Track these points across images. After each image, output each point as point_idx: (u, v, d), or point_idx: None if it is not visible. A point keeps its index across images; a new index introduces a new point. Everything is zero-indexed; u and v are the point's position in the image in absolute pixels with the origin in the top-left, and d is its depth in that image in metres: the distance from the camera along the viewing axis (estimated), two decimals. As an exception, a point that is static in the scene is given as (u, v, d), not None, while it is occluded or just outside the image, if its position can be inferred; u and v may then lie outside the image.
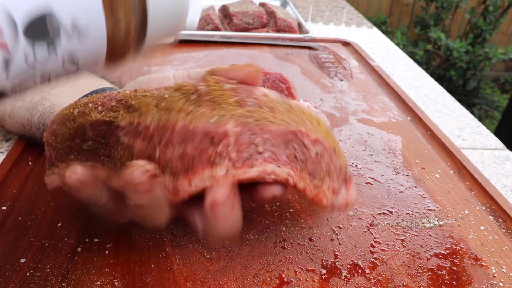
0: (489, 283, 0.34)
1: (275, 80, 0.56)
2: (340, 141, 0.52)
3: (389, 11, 2.82)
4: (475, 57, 2.34)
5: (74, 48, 0.20)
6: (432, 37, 2.31)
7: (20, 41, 0.18)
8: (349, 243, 0.37)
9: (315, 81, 0.69)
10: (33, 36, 0.18)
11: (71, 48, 0.20)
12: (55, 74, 0.21)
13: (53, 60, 0.20)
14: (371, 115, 0.59)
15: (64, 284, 0.31)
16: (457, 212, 0.41)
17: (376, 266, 0.35)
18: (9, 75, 0.19)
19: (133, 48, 0.22)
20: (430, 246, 0.37)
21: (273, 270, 0.34)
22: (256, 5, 0.91)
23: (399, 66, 0.83)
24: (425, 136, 0.54)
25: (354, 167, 0.47)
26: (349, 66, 0.75)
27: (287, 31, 0.86)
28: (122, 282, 0.32)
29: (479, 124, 0.62)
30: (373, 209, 0.41)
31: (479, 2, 2.57)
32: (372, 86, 0.68)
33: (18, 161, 0.44)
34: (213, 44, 0.81)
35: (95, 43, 0.20)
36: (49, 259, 0.33)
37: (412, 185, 0.45)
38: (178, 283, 0.32)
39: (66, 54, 0.20)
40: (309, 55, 0.79)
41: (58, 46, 0.19)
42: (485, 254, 0.36)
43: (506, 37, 2.90)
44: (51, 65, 0.20)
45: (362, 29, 1.05)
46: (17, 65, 0.19)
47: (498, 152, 0.55)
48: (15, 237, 0.35)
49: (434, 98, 0.70)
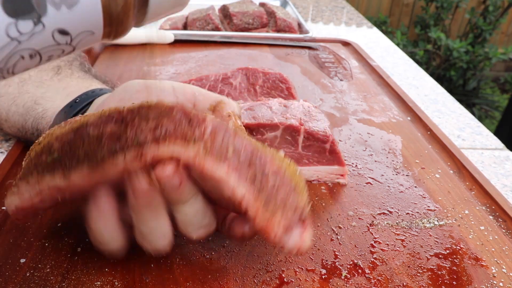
0: (489, 283, 0.34)
1: (275, 80, 0.56)
2: (340, 141, 0.52)
3: (389, 11, 2.82)
4: (475, 57, 2.34)
5: (64, 18, 0.18)
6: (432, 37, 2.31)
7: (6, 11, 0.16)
8: (349, 243, 0.37)
9: (315, 81, 0.69)
10: (14, 8, 0.16)
11: (61, 18, 0.18)
12: (46, 50, 0.19)
13: (40, 32, 0.17)
14: (371, 115, 0.59)
15: (64, 284, 0.31)
16: (457, 212, 0.41)
17: (376, 266, 0.35)
18: None
19: (133, 15, 0.20)
20: (430, 246, 0.37)
21: (273, 270, 0.34)
22: (256, 5, 0.91)
23: (399, 66, 0.83)
24: (425, 136, 0.54)
25: (354, 167, 0.47)
26: (349, 66, 0.75)
27: (287, 31, 0.86)
28: (122, 282, 0.32)
29: (479, 124, 0.62)
30: (373, 209, 0.41)
31: (479, 2, 2.57)
32: (372, 86, 0.68)
33: (18, 161, 0.44)
34: (213, 44, 0.81)
35: (88, 12, 0.18)
36: (49, 259, 0.33)
37: (412, 185, 0.45)
38: (178, 283, 0.32)
39: (55, 25, 0.18)
40: (309, 55, 0.79)
41: (45, 17, 0.17)
42: (485, 254, 0.36)
43: (506, 37, 2.90)
44: (39, 39, 0.18)
45: (362, 29, 1.05)
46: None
47: (498, 152, 0.55)
48: (15, 237, 0.35)
49: (434, 98, 0.70)
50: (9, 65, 0.18)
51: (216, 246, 0.35)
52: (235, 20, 0.86)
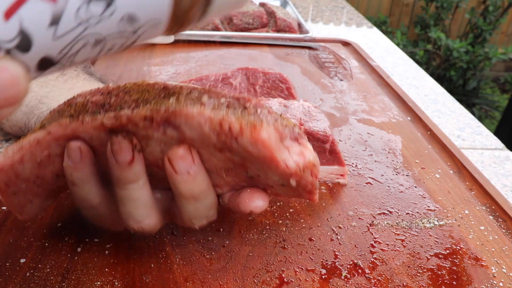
0: (489, 283, 0.34)
1: (275, 80, 0.56)
2: (340, 141, 0.52)
3: (389, 11, 2.82)
4: (475, 57, 2.34)
5: (135, 2, 0.17)
6: (432, 37, 2.31)
7: None
8: (349, 243, 0.37)
9: (315, 81, 0.69)
10: None
11: (132, 2, 0.17)
12: (111, 37, 0.18)
13: (110, 16, 0.17)
14: (371, 115, 0.59)
15: (64, 284, 0.31)
16: (457, 212, 0.41)
17: (376, 266, 0.35)
18: (56, 33, 0.16)
19: (198, 12, 0.20)
20: (430, 246, 0.37)
21: (273, 270, 0.34)
22: (256, 5, 0.91)
23: (399, 66, 0.83)
24: (425, 136, 0.54)
25: (354, 167, 0.47)
26: (349, 66, 0.75)
27: (287, 31, 0.86)
28: (122, 282, 0.32)
29: (479, 124, 0.62)
30: (373, 209, 0.41)
31: (479, 2, 2.57)
32: (372, 86, 0.68)
33: (18, 161, 0.44)
34: (213, 44, 0.81)
35: (158, 2, 0.17)
36: (49, 259, 0.33)
37: (412, 185, 0.45)
38: (178, 283, 0.32)
39: (127, 9, 0.17)
40: (309, 55, 0.79)
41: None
42: (485, 254, 0.36)
43: (506, 37, 2.90)
44: (107, 25, 0.17)
45: (362, 29, 1.05)
46: (66, 20, 0.16)
47: (498, 152, 0.55)
48: (15, 237, 0.35)
49: (434, 98, 0.70)
50: (72, 51, 0.18)
51: (216, 246, 0.35)
52: (235, 20, 0.86)
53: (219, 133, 0.25)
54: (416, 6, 2.75)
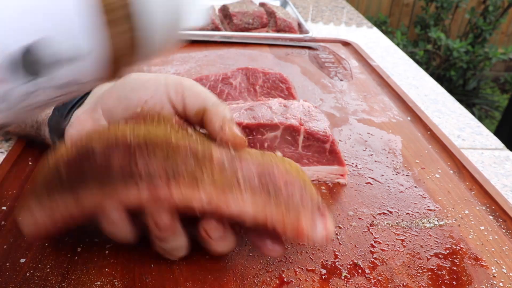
0: (489, 283, 0.34)
1: (275, 80, 0.56)
2: (340, 141, 0.52)
3: (389, 11, 2.82)
4: (475, 57, 2.33)
5: (76, 71, 0.18)
6: (432, 37, 2.31)
7: (17, 75, 0.17)
8: (349, 243, 0.37)
9: (315, 81, 0.69)
10: (30, 68, 0.17)
11: (72, 72, 0.18)
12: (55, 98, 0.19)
13: (51, 86, 0.18)
14: (371, 115, 0.59)
15: (64, 284, 0.31)
16: (457, 212, 0.41)
17: (376, 266, 0.35)
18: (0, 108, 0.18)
19: (136, 56, 0.21)
20: (430, 246, 0.37)
21: (273, 270, 0.34)
22: (256, 5, 0.91)
23: (399, 66, 0.83)
24: (425, 136, 0.54)
25: (354, 167, 0.47)
26: (349, 66, 0.75)
27: (287, 31, 0.86)
28: (122, 282, 0.32)
29: (479, 124, 0.62)
30: (373, 209, 0.41)
31: (479, 2, 2.56)
32: (372, 86, 0.68)
33: (18, 161, 0.44)
34: (213, 44, 0.81)
35: (97, 62, 0.19)
36: (49, 259, 0.33)
37: (412, 185, 0.45)
38: (178, 283, 0.32)
39: (67, 79, 0.18)
40: (309, 55, 0.79)
41: (57, 73, 0.18)
42: (485, 254, 0.36)
43: (506, 37, 2.90)
44: (49, 92, 0.18)
45: (362, 29, 1.05)
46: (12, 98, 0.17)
47: (498, 152, 0.55)
48: (15, 237, 0.35)
49: (434, 98, 0.70)
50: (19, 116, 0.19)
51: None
52: (235, 20, 0.86)
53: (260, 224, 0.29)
54: (416, 6, 2.75)
